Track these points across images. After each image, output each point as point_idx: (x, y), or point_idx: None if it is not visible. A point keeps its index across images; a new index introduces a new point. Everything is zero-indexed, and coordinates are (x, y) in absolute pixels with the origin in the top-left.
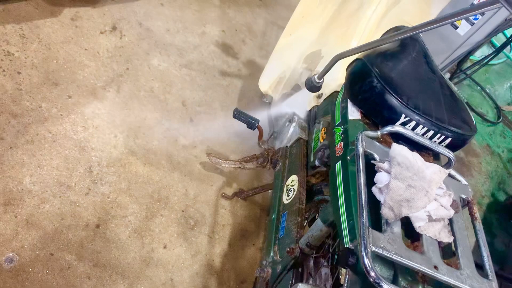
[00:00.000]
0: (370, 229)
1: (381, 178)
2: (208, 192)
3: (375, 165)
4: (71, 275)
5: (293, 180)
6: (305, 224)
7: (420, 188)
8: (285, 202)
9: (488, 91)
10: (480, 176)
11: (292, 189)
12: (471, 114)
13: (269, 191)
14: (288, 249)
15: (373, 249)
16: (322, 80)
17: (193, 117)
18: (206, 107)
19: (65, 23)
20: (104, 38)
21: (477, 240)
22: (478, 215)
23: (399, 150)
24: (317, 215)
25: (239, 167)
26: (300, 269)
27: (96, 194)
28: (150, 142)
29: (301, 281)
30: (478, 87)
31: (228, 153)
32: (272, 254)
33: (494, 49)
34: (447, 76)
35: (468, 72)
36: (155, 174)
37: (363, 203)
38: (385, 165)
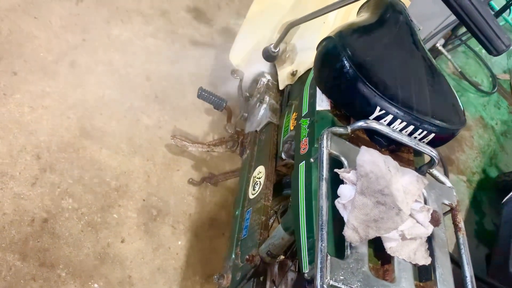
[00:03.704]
0: (329, 256)
1: (344, 192)
2: (173, 177)
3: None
4: (13, 277)
5: (260, 172)
6: (272, 220)
7: (391, 206)
8: (251, 196)
9: (484, 58)
10: (472, 151)
11: (259, 182)
12: (460, 101)
13: None
14: (247, 256)
15: (331, 283)
16: (278, 49)
17: (158, 94)
18: (173, 82)
19: None
20: (57, 4)
21: (460, 257)
22: (462, 225)
23: (368, 156)
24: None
25: (207, 151)
26: (262, 278)
27: (44, 184)
28: (108, 124)
29: None
30: (474, 54)
31: (198, 135)
32: (233, 256)
33: (493, 13)
34: (441, 42)
35: (464, 38)
36: (112, 160)
37: (323, 222)
38: (351, 176)
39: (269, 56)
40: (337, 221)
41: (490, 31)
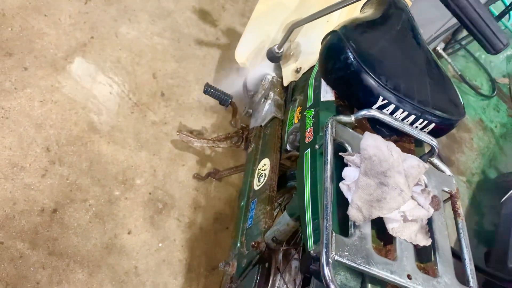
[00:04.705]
0: (334, 234)
1: (349, 173)
2: (178, 172)
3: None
4: (23, 265)
5: (265, 164)
6: (277, 211)
7: (393, 187)
8: (256, 188)
9: (483, 62)
10: (471, 153)
11: (263, 174)
12: (459, 95)
13: None
14: (253, 243)
15: (336, 258)
16: (282, 50)
17: (164, 91)
18: (179, 79)
19: None
20: (66, 2)
21: (459, 241)
22: (461, 211)
23: (371, 140)
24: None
25: (212, 146)
26: (267, 264)
27: (53, 176)
28: (115, 119)
29: (268, 276)
30: (473, 59)
31: (203, 130)
32: (238, 245)
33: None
34: (441, 45)
35: (463, 42)
36: (120, 154)
37: (328, 202)
38: (354, 158)
39: (274, 57)
40: (341, 204)
41: (488, 30)
